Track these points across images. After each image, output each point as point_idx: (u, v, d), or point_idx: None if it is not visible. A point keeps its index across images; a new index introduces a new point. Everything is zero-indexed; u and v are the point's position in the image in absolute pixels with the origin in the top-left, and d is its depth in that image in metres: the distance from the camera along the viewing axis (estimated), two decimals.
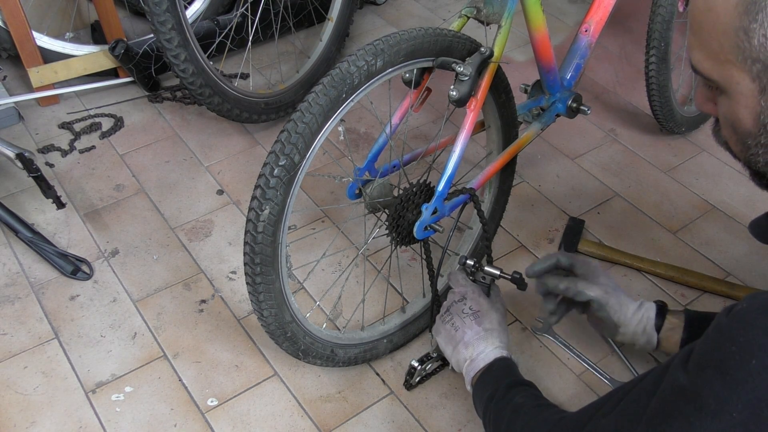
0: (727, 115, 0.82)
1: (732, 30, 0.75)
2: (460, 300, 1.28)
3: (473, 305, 1.26)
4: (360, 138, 2.02)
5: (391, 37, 1.18)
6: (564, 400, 1.42)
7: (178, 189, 1.85)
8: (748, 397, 0.73)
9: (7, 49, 2.06)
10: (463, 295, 1.29)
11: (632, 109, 2.14)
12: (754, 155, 0.83)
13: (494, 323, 1.25)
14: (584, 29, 1.54)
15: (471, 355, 1.22)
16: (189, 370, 1.46)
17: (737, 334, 0.75)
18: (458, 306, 1.27)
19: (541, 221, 1.79)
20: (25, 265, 1.65)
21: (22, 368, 1.46)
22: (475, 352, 1.22)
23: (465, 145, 1.28)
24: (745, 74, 0.76)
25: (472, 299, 1.27)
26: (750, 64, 0.75)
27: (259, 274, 1.20)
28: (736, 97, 0.79)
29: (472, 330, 1.23)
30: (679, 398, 0.79)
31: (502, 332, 1.25)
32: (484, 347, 1.21)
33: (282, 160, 1.13)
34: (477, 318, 1.24)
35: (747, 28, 0.73)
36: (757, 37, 0.73)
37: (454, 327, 1.26)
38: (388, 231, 1.31)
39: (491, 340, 1.22)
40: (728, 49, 0.76)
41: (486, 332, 1.23)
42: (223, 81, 1.84)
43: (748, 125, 0.80)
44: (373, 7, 2.55)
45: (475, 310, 1.26)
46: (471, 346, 1.22)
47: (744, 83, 0.77)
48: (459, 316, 1.26)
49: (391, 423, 1.38)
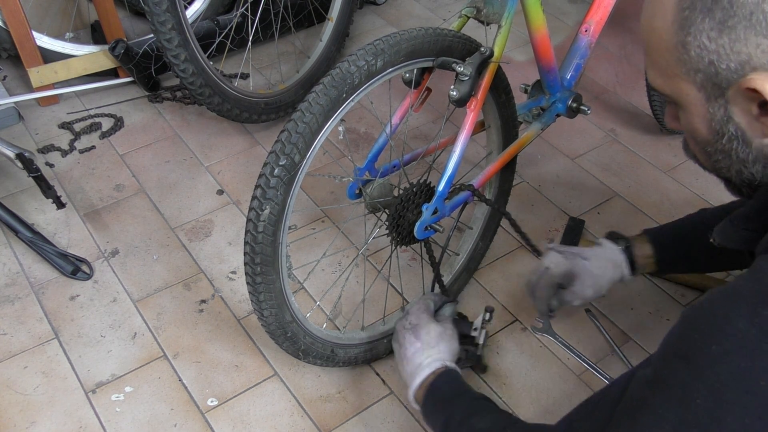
0: (687, 128, 0.86)
1: (672, 45, 0.79)
2: (404, 316, 1.28)
3: (413, 319, 1.26)
4: (360, 138, 2.02)
5: (391, 37, 1.18)
6: (564, 400, 1.42)
7: (178, 189, 1.85)
8: (710, 382, 0.74)
9: (7, 49, 2.06)
10: (407, 311, 1.29)
11: (632, 109, 2.14)
12: (717, 162, 0.86)
13: (431, 334, 1.22)
14: (584, 29, 1.54)
15: (411, 370, 1.20)
16: (189, 370, 1.46)
17: (699, 323, 0.77)
18: (402, 323, 1.27)
19: (541, 221, 1.79)
20: (25, 265, 1.65)
21: (22, 368, 1.46)
22: (413, 365, 1.20)
23: (465, 145, 1.28)
24: (691, 85, 0.80)
25: (413, 314, 1.27)
26: (693, 74, 0.79)
27: (260, 274, 1.20)
28: (689, 108, 0.83)
29: (411, 345, 1.22)
30: (646, 391, 0.81)
31: (440, 342, 1.22)
32: (420, 359, 1.20)
33: (282, 159, 1.13)
34: (415, 331, 1.23)
35: (684, 42, 0.77)
36: (693, 49, 0.77)
37: (399, 344, 1.25)
38: (389, 231, 1.31)
39: (428, 352, 1.20)
40: (673, 63, 0.80)
41: (422, 344, 1.21)
42: (223, 81, 1.84)
43: (704, 133, 0.83)
44: (373, 7, 2.55)
45: (414, 323, 1.25)
46: (411, 361, 1.21)
47: (692, 94, 0.81)
48: (401, 332, 1.25)
49: (391, 423, 1.38)
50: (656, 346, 1.53)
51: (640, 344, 1.52)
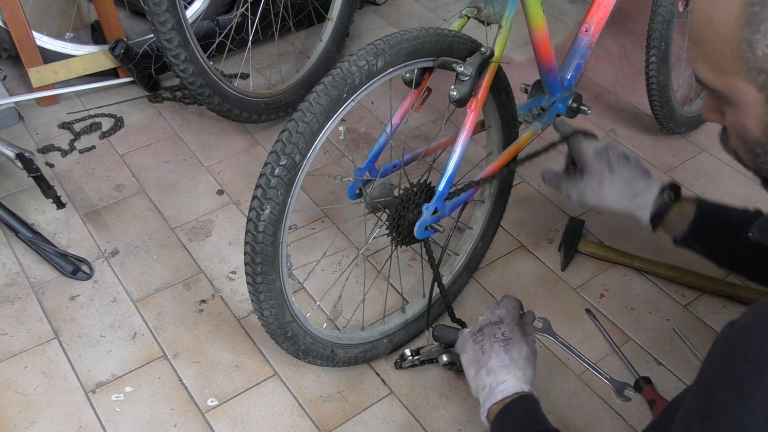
0: (735, 125, 0.82)
1: (734, 41, 0.74)
2: (496, 323, 1.21)
3: (507, 331, 1.19)
4: (360, 138, 2.02)
5: (391, 37, 1.17)
6: (564, 400, 1.42)
7: (178, 189, 1.85)
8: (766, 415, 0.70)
9: (7, 49, 2.06)
10: (500, 317, 1.22)
11: (632, 109, 2.14)
12: (764, 163, 0.82)
13: (522, 354, 1.17)
14: (584, 29, 1.54)
15: (491, 383, 1.14)
16: (189, 370, 1.46)
17: (747, 351, 0.72)
18: (492, 328, 1.20)
19: (541, 221, 1.79)
20: (25, 265, 1.65)
21: (22, 368, 1.46)
22: (495, 380, 1.14)
23: (465, 145, 1.28)
24: (750, 85, 0.76)
25: (508, 325, 1.21)
26: (755, 74, 0.75)
27: (260, 274, 1.20)
28: (743, 107, 0.78)
29: (498, 357, 1.16)
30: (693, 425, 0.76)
31: (528, 366, 1.16)
32: (505, 377, 1.14)
33: (283, 159, 1.13)
34: (506, 345, 1.17)
35: (750, 39, 0.73)
36: (761, 48, 0.73)
37: (482, 349, 1.18)
38: (389, 231, 1.31)
39: (514, 371, 1.14)
40: (731, 60, 0.75)
41: (511, 361, 1.15)
42: (223, 81, 1.84)
43: (756, 134, 0.80)
44: (373, 7, 2.55)
45: (507, 336, 1.18)
46: (493, 374, 1.15)
47: (749, 93, 0.77)
48: (489, 339, 1.19)
49: (391, 423, 1.38)
50: (656, 346, 1.54)
51: (640, 344, 1.52)
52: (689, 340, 1.52)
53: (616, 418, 1.40)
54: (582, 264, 1.69)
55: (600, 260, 1.69)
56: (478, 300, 1.60)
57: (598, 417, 1.40)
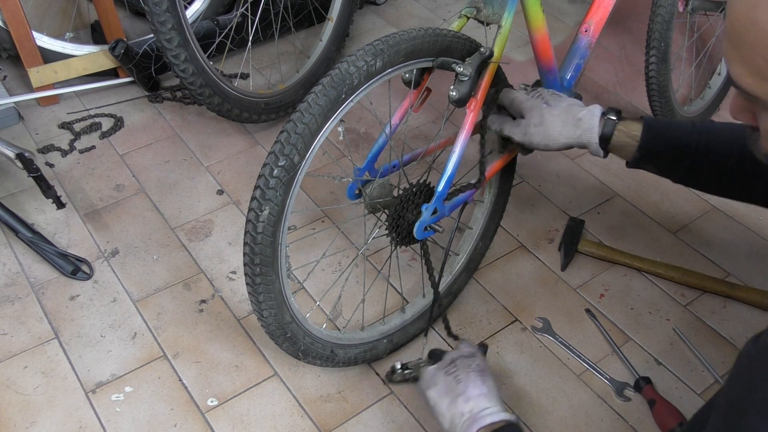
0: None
1: None
2: (469, 356, 1.24)
3: (480, 363, 1.23)
4: (360, 138, 2.02)
5: (390, 37, 1.17)
6: (564, 400, 1.42)
7: (178, 189, 1.85)
8: None
9: (7, 49, 2.06)
10: (473, 353, 1.26)
11: (632, 109, 2.14)
12: None
13: (497, 387, 1.20)
14: (584, 29, 1.54)
15: (471, 410, 1.14)
16: (189, 370, 1.46)
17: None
18: (466, 360, 1.23)
19: (541, 221, 1.79)
20: (25, 265, 1.65)
21: (22, 368, 1.46)
22: (477, 407, 1.14)
23: (465, 145, 1.28)
24: None
25: (480, 358, 1.25)
26: None
27: (259, 275, 1.20)
28: None
29: (476, 386, 1.17)
30: None
31: (500, 400, 1.18)
32: (487, 404, 1.15)
33: (281, 160, 1.13)
34: (483, 375, 1.20)
35: None
36: None
37: (456, 379, 1.19)
38: (388, 231, 1.31)
39: (495, 401, 1.16)
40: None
41: (490, 391, 1.18)
42: (223, 81, 1.84)
43: None
44: (373, 7, 2.55)
45: (482, 368, 1.22)
46: (473, 401, 1.15)
47: None
48: (464, 369, 1.20)
49: (391, 423, 1.38)
50: (656, 346, 1.54)
51: (640, 344, 1.52)
52: (689, 340, 1.52)
53: (616, 418, 1.40)
54: (582, 264, 1.69)
55: (600, 260, 1.69)
56: (478, 300, 1.61)
57: (598, 417, 1.40)
